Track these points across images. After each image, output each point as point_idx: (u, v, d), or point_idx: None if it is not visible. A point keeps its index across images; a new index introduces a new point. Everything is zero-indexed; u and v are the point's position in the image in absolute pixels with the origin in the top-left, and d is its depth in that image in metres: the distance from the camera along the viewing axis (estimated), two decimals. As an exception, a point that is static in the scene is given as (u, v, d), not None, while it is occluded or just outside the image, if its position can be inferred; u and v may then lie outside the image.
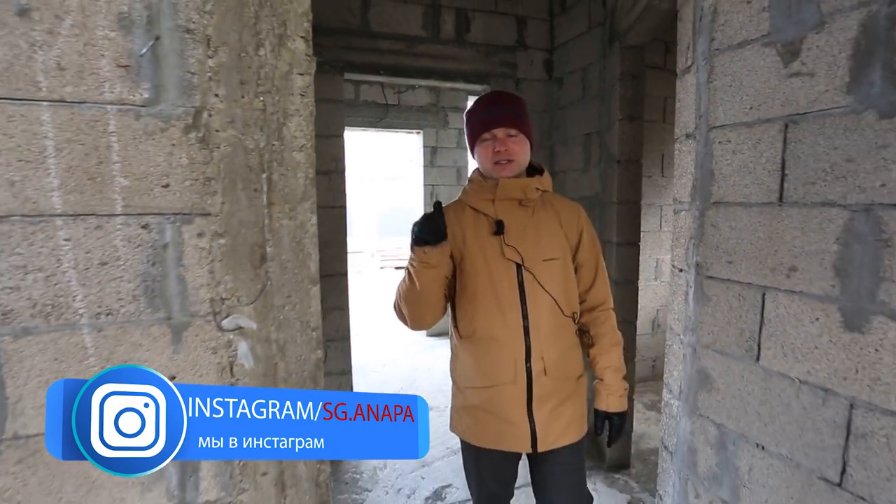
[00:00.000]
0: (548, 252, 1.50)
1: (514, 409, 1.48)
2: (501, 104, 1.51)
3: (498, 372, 1.48)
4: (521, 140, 1.51)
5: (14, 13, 0.83)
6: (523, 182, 1.51)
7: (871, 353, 1.02)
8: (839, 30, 1.04)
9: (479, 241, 1.50)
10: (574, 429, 1.56)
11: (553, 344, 1.50)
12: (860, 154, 1.02)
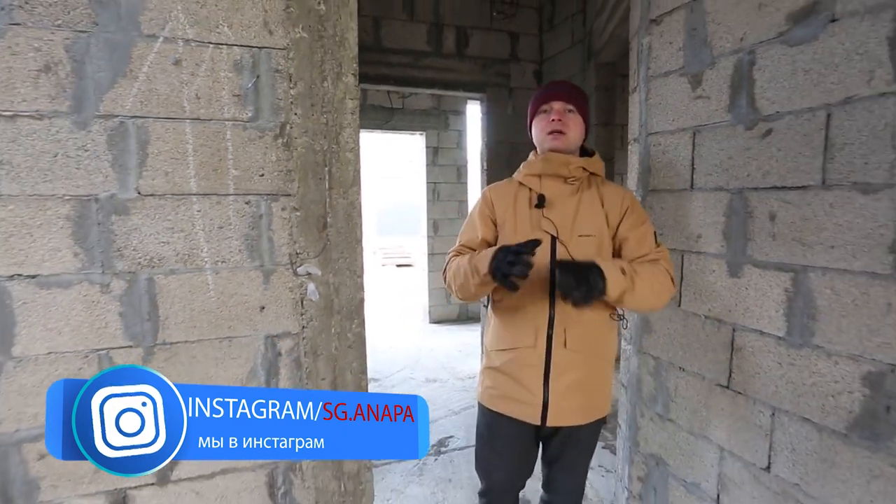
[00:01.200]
0: (584, 228, 1.47)
1: (530, 375, 1.47)
2: (564, 85, 1.58)
3: (521, 336, 1.48)
4: (577, 117, 1.53)
5: (171, 63, 1.28)
6: (568, 158, 1.49)
7: (743, 290, 1.47)
8: (723, 68, 1.49)
9: (519, 213, 1.52)
10: (589, 411, 1.52)
11: (578, 318, 1.45)
12: (735, 154, 1.47)
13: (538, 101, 1.58)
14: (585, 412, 1.50)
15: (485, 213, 1.57)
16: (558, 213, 1.47)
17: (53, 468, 1.30)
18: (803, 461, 1.33)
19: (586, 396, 1.49)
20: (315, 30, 1.40)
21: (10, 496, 1.28)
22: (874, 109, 1.13)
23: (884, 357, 1.14)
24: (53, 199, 1.24)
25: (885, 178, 1.12)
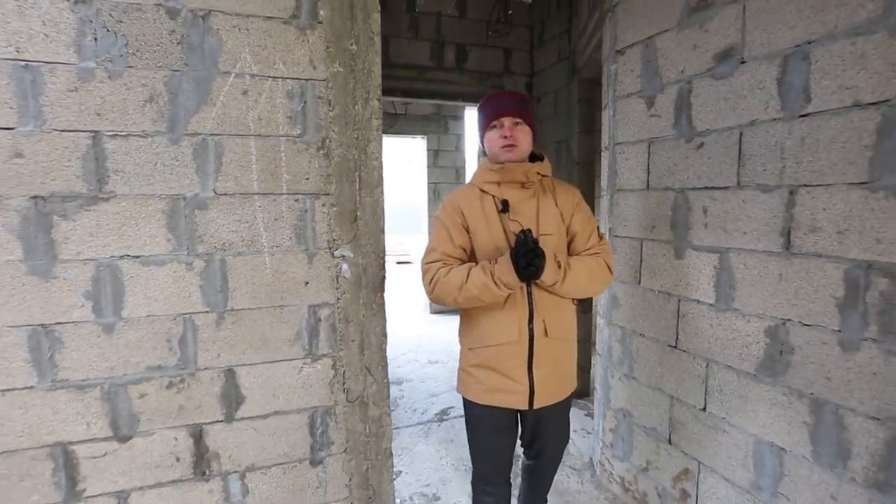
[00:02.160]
0: (546, 228, 1.60)
1: (516, 366, 1.58)
2: (508, 98, 1.67)
3: (503, 332, 1.59)
4: (525, 128, 1.64)
5: (240, 93, 1.67)
6: (525, 167, 1.62)
7: (685, 269, 1.86)
8: (669, 93, 1.88)
9: (487, 219, 1.63)
10: (566, 387, 1.69)
11: (552, 307, 1.59)
12: (678, 161, 1.86)
13: (489, 117, 1.66)
14: (562, 390, 1.67)
15: (457, 222, 1.67)
16: (523, 216, 1.60)
17: (150, 405, 1.69)
18: (727, 399, 1.72)
19: (562, 376, 1.65)
20: (349, 65, 1.79)
21: (119, 426, 1.66)
22: (769, 130, 1.52)
23: (778, 314, 1.53)
24: (153, 198, 1.62)
25: (776, 181, 1.51)
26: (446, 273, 1.59)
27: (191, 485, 1.77)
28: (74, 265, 1.57)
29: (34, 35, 1.47)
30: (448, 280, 1.58)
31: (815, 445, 1.44)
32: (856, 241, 1.32)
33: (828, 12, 1.35)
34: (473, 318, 1.67)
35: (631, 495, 2.22)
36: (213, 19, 1.63)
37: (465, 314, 1.72)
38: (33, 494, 1.60)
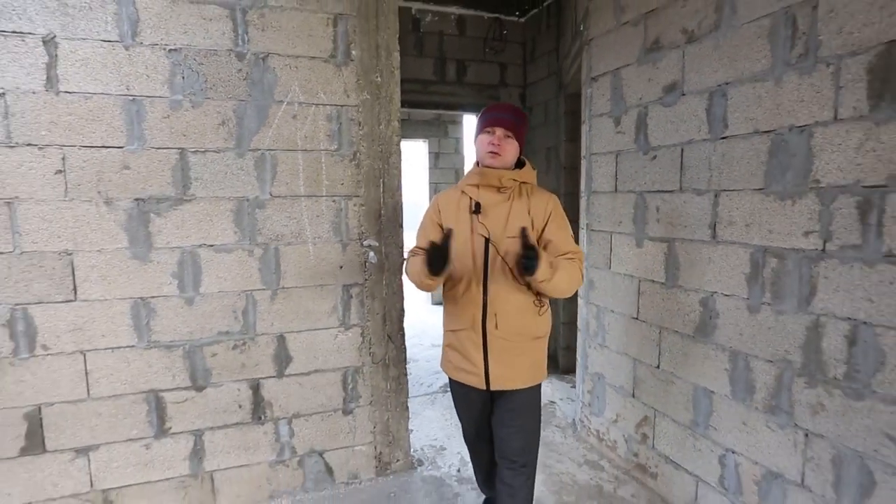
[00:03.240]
0: (512, 231, 1.67)
1: (473, 351, 1.73)
2: (508, 112, 1.77)
3: (463, 319, 1.74)
4: (513, 142, 1.74)
5: (291, 117, 2.12)
6: (500, 173, 1.72)
7: (643, 256, 2.33)
8: (631, 115, 2.34)
9: (461, 218, 1.75)
10: (523, 377, 1.75)
11: (504, 304, 1.69)
12: (637, 170, 2.32)
13: (486, 122, 1.76)
14: (520, 379, 1.74)
15: (434, 220, 1.83)
16: (491, 218, 1.71)
17: (219, 362, 2.14)
18: (675, 357, 2.19)
19: (518, 368, 1.73)
20: (374, 93, 2.25)
21: (196, 378, 2.12)
22: (701, 148, 1.98)
23: (708, 288, 1.99)
24: (224, 200, 2.08)
25: (706, 186, 1.97)
26: (411, 263, 1.80)
27: (249, 427, 2.23)
28: (165, 252, 2.03)
29: (139, 76, 1.92)
30: (410, 269, 1.80)
31: (733, 386, 1.91)
32: (756, 231, 1.77)
33: (738, 62, 1.81)
34: (446, 305, 1.84)
35: (604, 444, 2.69)
36: (271, 60, 2.08)
37: (444, 302, 1.86)
38: (133, 429, 2.06)
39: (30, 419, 1.93)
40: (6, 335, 1.86)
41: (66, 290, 1.92)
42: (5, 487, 1.92)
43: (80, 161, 1.88)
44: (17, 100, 1.79)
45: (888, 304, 1.42)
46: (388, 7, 2.23)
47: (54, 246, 1.89)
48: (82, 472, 2.01)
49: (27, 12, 1.77)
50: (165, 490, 2.14)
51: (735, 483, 1.92)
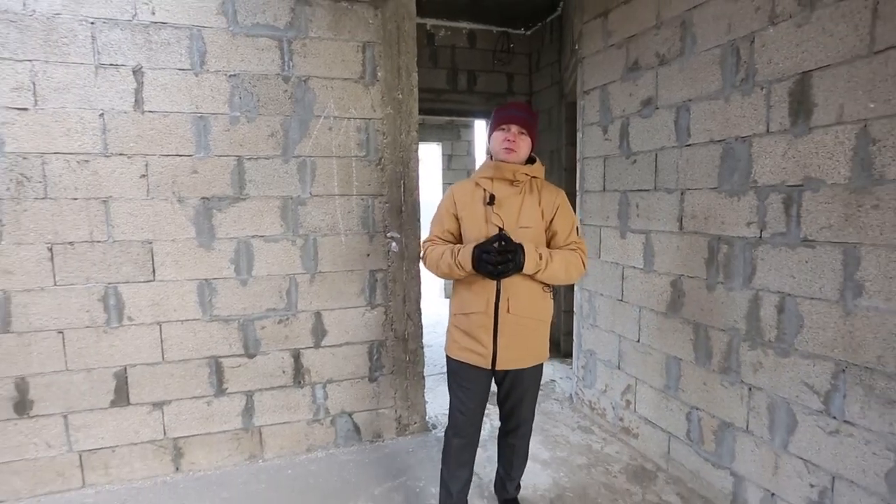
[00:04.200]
0: (524, 221, 1.81)
1: (483, 333, 1.82)
2: (522, 110, 1.87)
3: (476, 303, 1.82)
4: (526, 139, 1.85)
5: (327, 129, 2.54)
6: (514, 167, 1.82)
7: (626, 246, 2.71)
8: (616, 124, 2.73)
9: (476, 208, 1.85)
10: (531, 358, 1.87)
11: (518, 290, 1.80)
12: (621, 171, 2.70)
13: (502, 119, 1.87)
14: (525, 359, 1.87)
15: (450, 210, 1.91)
16: (505, 209, 1.82)
17: (267, 334, 2.57)
18: (651, 331, 2.56)
19: (525, 348, 1.85)
20: (396, 108, 2.66)
21: (248, 347, 2.55)
22: (670, 154, 2.36)
23: (677, 271, 2.37)
24: (272, 198, 2.50)
25: (674, 186, 2.34)
26: (432, 250, 1.89)
27: (291, 390, 2.65)
28: (224, 241, 2.46)
29: (206, 97, 2.35)
30: (431, 256, 1.89)
31: (696, 353, 2.28)
32: (712, 223, 2.15)
33: (698, 83, 2.18)
34: (458, 290, 1.92)
35: (595, 412, 3.07)
36: (311, 82, 2.50)
37: (454, 287, 1.95)
38: (197, 388, 2.50)
39: (118, 377, 2.37)
40: (101, 308, 2.31)
41: (146, 272, 2.36)
42: (99, 432, 2.37)
43: (159, 167, 2.32)
44: (112, 118, 2.23)
45: (805, 279, 1.79)
46: (408, 35, 2.64)
47: (138, 236, 2.33)
48: (157, 423, 2.45)
49: (121, 49, 2.21)
50: (222, 441, 2.57)
51: (698, 435, 2.30)
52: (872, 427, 1.61)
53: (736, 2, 1.99)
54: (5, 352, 2.21)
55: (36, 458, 2.30)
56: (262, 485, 2.43)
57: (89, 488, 2.38)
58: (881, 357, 1.57)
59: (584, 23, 2.95)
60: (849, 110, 1.62)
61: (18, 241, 2.17)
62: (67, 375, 2.30)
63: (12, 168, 2.14)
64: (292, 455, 2.68)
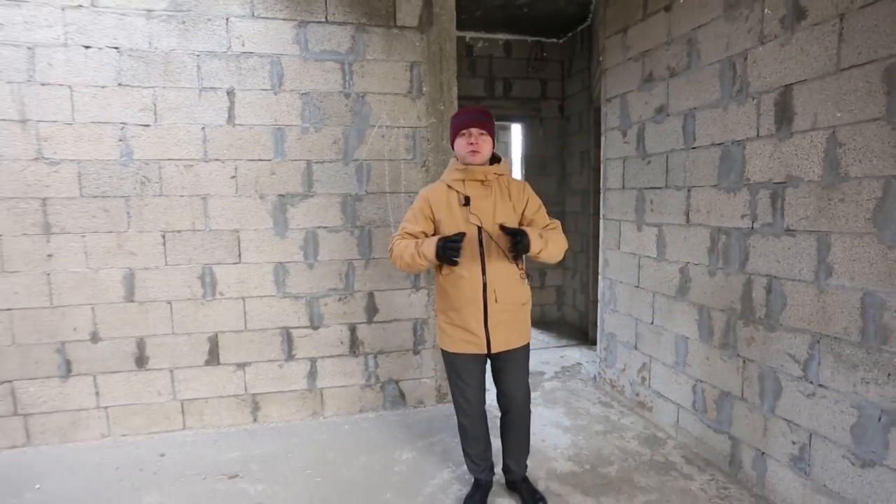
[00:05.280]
0: (500, 218, 1.96)
1: (475, 323, 1.98)
2: (477, 113, 2.01)
3: (465, 297, 1.97)
4: (487, 138, 2.00)
5: (380, 137, 2.99)
6: (485, 168, 1.98)
7: (642, 238, 3.02)
8: (634, 129, 3.05)
9: (452, 210, 1.98)
10: (517, 338, 2.05)
11: (501, 281, 1.98)
12: (638, 171, 3.03)
13: (459, 126, 2.00)
14: (515, 340, 2.05)
15: (424, 211, 2.03)
16: (480, 209, 1.96)
17: (329, 310, 3.04)
18: (662, 314, 2.88)
19: (512, 331, 2.03)
20: (439, 118, 3.08)
21: (313, 320, 3.02)
22: (679, 155, 2.67)
23: (684, 259, 2.68)
24: (334, 195, 2.97)
25: (682, 184, 2.65)
26: (398, 243, 2.02)
27: (347, 358, 3.12)
28: (295, 231, 2.95)
29: (282, 112, 2.84)
30: (396, 248, 2.02)
31: (700, 331, 2.58)
32: (713, 216, 2.45)
33: (701, 93, 2.49)
34: (444, 289, 2.05)
35: (615, 389, 3.39)
36: (367, 97, 2.96)
37: (439, 289, 2.10)
38: (272, 353, 3.00)
39: (211, 341, 2.90)
40: (199, 284, 2.84)
41: (234, 255, 2.87)
42: (196, 385, 2.90)
43: (245, 170, 2.83)
44: (211, 131, 2.76)
45: (787, 263, 2.08)
46: (449, 55, 3.05)
47: (229, 226, 2.85)
48: (240, 380, 2.97)
49: (219, 75, 2.73)
50: (291, 399, 3.06)
51: (702, 404, 2.60)
52: (840, 388, 1.90)
53: (733, 23, 2.29)
54: (130, 317, 2.77)
55: (150, 403, 2.86)
56: (323, 435, 2.90)
57: (188, 430, 2.93)
58: (846, 328, 1.86)
59: (607, 37, 3.28)
60: (821, 118, 1.92)
61: (141, 230, 2.73)
62: (173, 338, 2.85)
63: (138, 172, 2.69)
64: (347, 414, 3.15)
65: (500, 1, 4.11)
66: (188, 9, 2.68)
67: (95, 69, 2.63)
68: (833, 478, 1.92)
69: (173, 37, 2.68)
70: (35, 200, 2.64)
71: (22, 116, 2.58)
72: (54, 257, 2.69)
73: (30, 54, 2.55)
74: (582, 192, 4.90)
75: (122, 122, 2.68)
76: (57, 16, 2.56)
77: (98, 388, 2.81)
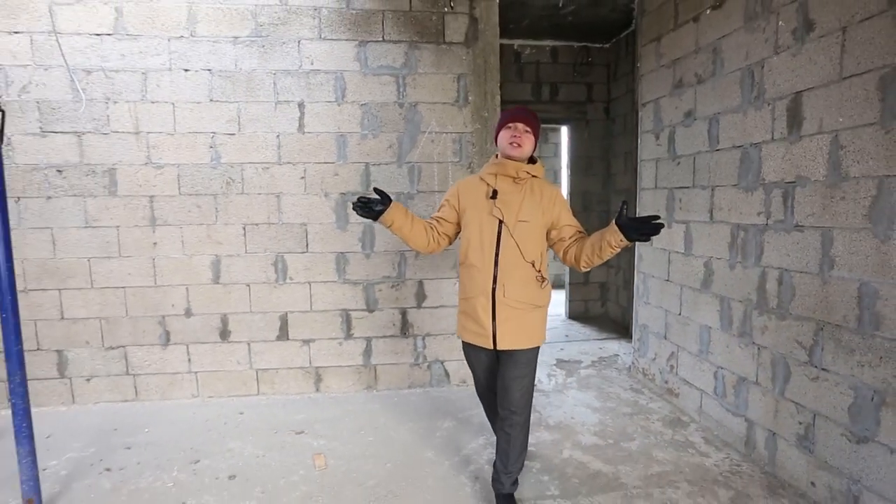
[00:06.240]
0: (523, 216, 1.98)
1: (483, 315, 2.00)
2: (525, 112, 2.07)
3: (475, 288, 2.02)
4: (530, 137, 2.03)
5: (430, 141, 3.35)
6: (518, 165, 2.00)
7: (672, 234, 3.21)
8: (666, 132, 3.25)
9: (479, 202, 2.04)
10: (525, 339, 2.02)
11: (511, 277, 1.98)
12: (668, 172, 3.22)
13: (507, 119, 2.05)
14: (521, 341, 2.01)
15: (451, 202, 2.14)
16: (506, 203, 1.99)
17: (383, 295, 3.43)
18: (689, 305, 3.06)
19: (520, 331, 2.01)
20: (483, 124, 3.40)
21: (369, 304, 3.43)
22: (704, 157, 2.85)
23: (708, 254, 2.85)
24: (392, 193, 3.35)
25: (706, 183, 2.83)
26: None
27: (399, 339, 3.50)
28: (354, 225, 3.36)
29: (344, 120, 3.27)
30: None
31: (721, 321, 2.76)
32: (733, 213, 2.62)
33: (724, 99, 2.66)
34: (462, 276, 2.13)
35: (647, 377, 3.58)
36: (419, 106, 3.32)
37: (460, 277, 2.16)
38: (332, 332, 3.43)
39: (281, 320, 3.37)
40: (273, 270, 3.32)
41: (302, 245, 3.33)
42: (269, 357, 3.38)
43: (312, 171, 3.28)
44: (285, 138, 3.22)
45: (797, 257, 2.26)
46: (493, 66, 3.37)
47: (298, 220, 3.30)
48: (305, 355, 3.42)
49: (291, 90, 3.19)
50: (348, 373, 3.49)
51: (722, 390, 2.78)
52: (840, 372, 2.06)
53: (752, 34, 2.47)
54: (216, 296, 3.29)
55: (230, 371, 3.37)
56: (376, 405, 3.30)
57: (262, 396, 3.41)
58: (846, 316, 2.03)
59: (643, 45, 3.49)
60: (825, 123, 2.09)
61: (226, 223, 3.24)
62: (250, 316, 3.34)
63: (224, 174, 3.20)
64: (397, 389, 3.53)
65: (546, 11, 4.37)
66: (267, 34, 3.15)
67: (192, 88, 3.15)
68: (833, 454, 2.09)
69: (254, 58, 3.16)
70: (144, 198, 3.20)
71: (136, 129, 3.14)
72: (158, 245, 3.24)
73: (143, 78, 3.11)
74: (626, 191, 5.06)
75: (213, 131, 3.19)
76: (164, 45, 3.10)
77: (190, 356, 3.34)
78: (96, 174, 3.14)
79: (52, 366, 3.24)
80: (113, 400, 3.31)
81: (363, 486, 2.37)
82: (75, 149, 3.11)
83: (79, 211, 3.15)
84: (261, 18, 3.14)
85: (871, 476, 1.93)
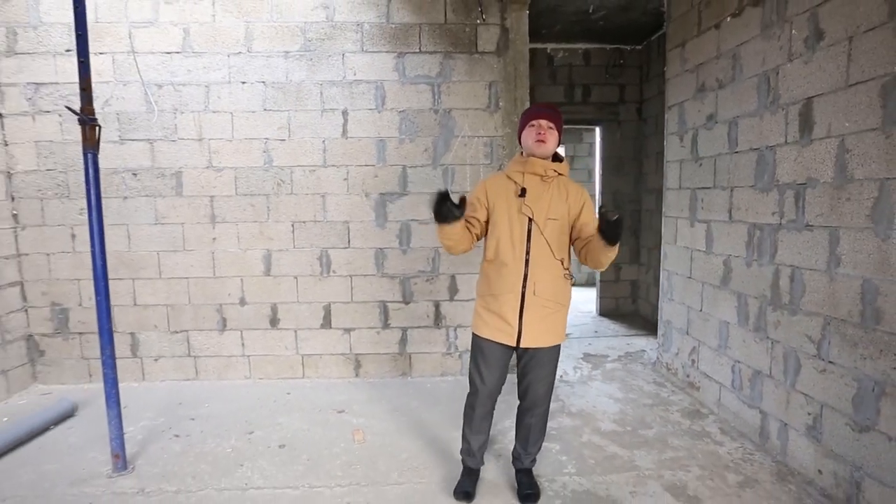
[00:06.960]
0: (552, 214, 2.00)
1: (509, 312, 2.01)
2: (549, 109, 2.07)
3: (504, 285, 2.02)
4: (554, 133, 2.04)
5: (463, 145, 3.59)
6: (545, 163, 2.02)
7: (695, 233, 3.33)
8: (689, 134, 3.36)
9: (507, 200, 2.04)
10: (550, 338, 2.04)
11: (542, 274, 2.00)
12: (691, 173, 3.34)
13: (531, 116, 2.07)
14: (546, 339, 2.04)
15: (480, 199, 2.11)
16: (535, 201, 2.00)
17: (417, 288, 3.70)
18: (709, 301, 3.18)
19: (546, 328, 2.03)
20: (512, 128, 3.60)
21: (405, 296, 3.70)
22: (724, 158, 2.96)
23: (728, 252, 2.97)
24: (425, 194, 3.61)
25: (726, 184, 2.94)
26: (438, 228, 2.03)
27: (432, 329, 3.76)
28: (392, 223, 3.64)
29: (384, 126, 3.54)
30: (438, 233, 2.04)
31: (738, 316, 2.87)
32: (750, 213, 2.73)
33: (742, 103, 2.77)
34: (486, 275, 2.11)
35: (670, 371, 3.70)
36: (453, 112, 3.56)
37: (482, 272, 2.15)
38: (371, 322, 3.72)
39: (325, 309, 3.69)
40: (318, 264, 3.63)
41: (344, 241, 3.63)
42: (313, 344, 3.71)
43: (354, 173, 3.57)
44: (329, 143, 3.53)
45: (807, 255, 2.37)
46: (522, 74, 3.57)
47: (340, 218, 3.61)
48: (346, 342, 3.73)
49: (336, 99, 3.49)
50: (385, 360, 3.77)
51: (739, 383, 2.90)
52: (845, 364, 2.17)
53: (768, 41, 2.58)
54: (267, 287, 3.63)
55: (279, 355, 3.71)
56: (410, 390, 3.57)
57: (307, 379, 3.74)
58: (850, 311, 2.14)
59: (669, 50, 3.60)
60: (833, 127, 2.20)
61: (277, 220, 3.58)
62: (297, 305, 3.67)
63: (275, 176, 3.54)
64: (430, 376, 3.79)
65: (577, 17, 4.52)
66: (314, 48, 3.46)
67: (248, 99, 3.50)
68: (838, 443, 2.20)
69: (303, 71, 3.48)
70: (206, 198, 3.57)
71: (200, 136, 3.51)
72: (217, 240, 3.61)
73: (206, 90, 3.48)
74: (657, 190, 5.15)
75: (266, 137, 3.53)
76: (224, 61, 3.46)
77: (243, 341, 3.70)
78: (165, 177, 3.54)
79: (127, 346, 3.66)
80: (177, 378, 3.71)
81: (396, 458, 2.64)
82: (148, 154, 3.52)
83: (150, 209, 3.56)
84: (309, 34, 3.46)
85: (872, 463, 2.04)
